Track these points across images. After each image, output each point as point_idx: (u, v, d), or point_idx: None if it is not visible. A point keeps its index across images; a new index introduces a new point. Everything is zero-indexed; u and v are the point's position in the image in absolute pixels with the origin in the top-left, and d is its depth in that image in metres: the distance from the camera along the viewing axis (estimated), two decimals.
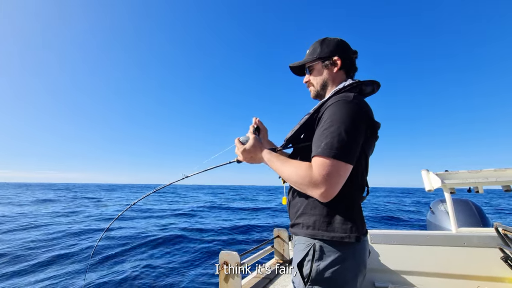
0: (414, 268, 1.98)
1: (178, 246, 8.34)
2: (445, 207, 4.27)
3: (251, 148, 1.11)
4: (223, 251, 0.99)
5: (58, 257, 6.98)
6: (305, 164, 0.92)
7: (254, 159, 1.13)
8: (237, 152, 1.16)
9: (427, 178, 2.25)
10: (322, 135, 0.91)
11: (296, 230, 1.05)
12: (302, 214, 1.03)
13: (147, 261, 6.80)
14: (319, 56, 1.15)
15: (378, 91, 1.16)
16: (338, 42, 1.15)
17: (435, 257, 1.94)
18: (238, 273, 0.96)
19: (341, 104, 0.93)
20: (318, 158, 0.89)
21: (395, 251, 2.05)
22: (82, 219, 13.85)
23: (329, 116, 0.93)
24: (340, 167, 0.86)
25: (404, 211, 20.94)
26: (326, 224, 0.96)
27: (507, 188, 2.09)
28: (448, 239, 1.94)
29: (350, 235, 0.93)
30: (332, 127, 0.90)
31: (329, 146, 0.87)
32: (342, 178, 0.88)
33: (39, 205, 21.54)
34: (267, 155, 1.07)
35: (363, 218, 1.05)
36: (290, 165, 0.97)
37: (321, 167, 0.86)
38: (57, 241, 8.79)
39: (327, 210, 0.97)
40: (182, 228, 11.22)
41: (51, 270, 5.88)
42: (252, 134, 1.16)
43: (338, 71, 1.14)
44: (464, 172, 2.11)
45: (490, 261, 1.81)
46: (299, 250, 1.01)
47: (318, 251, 0.94)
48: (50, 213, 16.14)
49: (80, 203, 24.20)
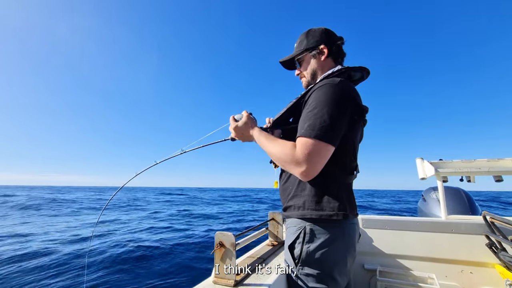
0: (403, 252, 2.06)
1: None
2: (436, 195, 4.37)
3: (243, 125, 1.15)
4: (218, 231, 1.01)
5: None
6: (290, 144, 0.97)
7: (245, 136, 1.17)
8: (230, 129, 1.20)
9: (422, 166, 2.29)
10: (306, 117, 0.95)
11: (288, 213, 1.10)
12: (293, 197, 1.08)
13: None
14: (306, 47, 1.19)
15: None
16: (323, 31, 1.19)
17: (423, 242, 2.01)
18: (233, 252, 0.99)
19: (326, 88, 0.96)
20: (301, 138, 0.93)
21: (385, 235, 2.12)
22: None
23: (314, 99, 0.97)
24: (321, 147, 0.90)
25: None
26: (315, 203, 1.01)
27: (498, 178, 2.14)
28: (437, 225, 2.00)
29: (338, 213, 0.98)
30: (316, 109, 0.94)
31: (311, 127, 0.91)
32: (323, 158, 0.91)
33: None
34: (256, 133, 1.12)
35: (353, 200, 1.10)
36: (277, 143, 1.01)
37: (303, 146, 0.91)
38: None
39: (315, 190, 1.02)
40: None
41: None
42: (246, 112, 1.19)
43: (326, 59, 1.17)
44: (458, 162, 2.14)
45: (475, 247, 1.88)
46: (290, 233, 1.06)
47: (308, 233, 0.99)
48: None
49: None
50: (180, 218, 12.94)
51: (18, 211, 16.59)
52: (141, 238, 7.92)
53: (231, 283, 0.97)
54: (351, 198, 1.08)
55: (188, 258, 5.90)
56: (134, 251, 6.39)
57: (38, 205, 20.52)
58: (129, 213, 15.34)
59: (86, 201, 26.10)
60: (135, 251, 6.39)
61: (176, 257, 6.01)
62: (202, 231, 9.20)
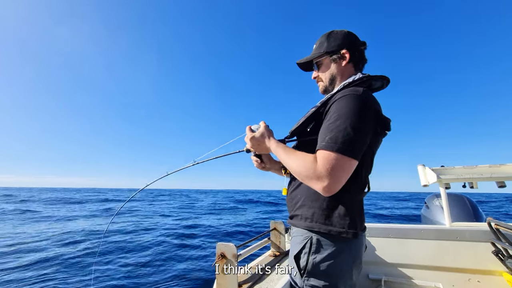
0: (407, 261, 2.02)
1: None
2: (439, 202, 4.33)
3: (259, 136, 1.10)
4: (219, 242, 1.00)
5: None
6: (310, 157, 0.91)
7: (262, 148, 1.12)
8: (246, 140, 1.15)
9: (423, 173, 2.28)
10: (328, 128, 0.90)
11: (294, 222, 1.05)
12: (302, 206, 1.03)
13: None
14: (326, 50, 1.11)
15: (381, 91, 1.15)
16: (345, 34, 1.11)
17: (428, 251, 1.98)
18: (234, 264, 0.97)
19: (349, 98, 0.91)
20: (322, 151, 0.88)
21: (389, 244, 2.08)
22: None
23: (336, 110, 0.91)
24: (344, 162, 0.85)
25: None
26: (325, 217, 0.96)
27: (501, 184, 2.12)
28: (442, 233, 1.97)
29: (348, 231, 0.93)
30: (338, 121, 0.88)
31: (333, 140, 0.86)
32: (346, 173, 0.87)
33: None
34: (274, 144, 1.07)
35: (363, 214, 1.05)
36: (296, 156, 0.96)
37: (325, 160, 0.85)
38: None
39: (326, 203, 0.97)
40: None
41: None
42: (264, 122, 1.14)
43: (347, 65, 1.10)
44: (460, 168, 2.13)
45: (482, 255, 1.85)
46: (296, 242, 1.02)
47: (315, 244, 0.95)
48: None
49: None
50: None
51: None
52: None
53: None
54: (362, 214, 1.03)
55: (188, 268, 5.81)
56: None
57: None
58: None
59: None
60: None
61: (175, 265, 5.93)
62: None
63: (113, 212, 16.29)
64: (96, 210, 19.09)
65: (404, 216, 18.02)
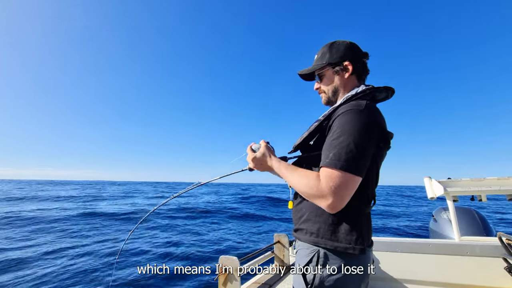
0: (415, 277, 1.96)
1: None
2: (447, 215, 4.23)
3: (261, 156, 1.10)
4: (222, 255, 0.98)
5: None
6: (313, 174, 0.91)
7: (264, 167, 1.12)
8: (248, 160, 1.15)
9: (430, 185, 2.24)
10: (331, 145, 0.89)
11: (299, 236, 1.04)
12: (307, 220, 1.02)
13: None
14: (329, 62, 1.10)
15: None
16: (348, 46, 1.10)
17: (437, 266, 1.92)
18: (237, 278, 0.95)
19: (352, 114, 0.90)
20: (325, 169, 0.87)
21: (397, 259, 2.03)
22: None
23: (339, 125, 0.91)
24: (348, 179, 0.84)
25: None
26: (331, 233, 0.94)
27: (511, 197, 2.07)
28: (451, 248, 1.91)
29: (355, 247, 0.91)
30: (341, 137, 0.88)
31: (337, 157, 0.85)
32: (350, 190, 0.86)
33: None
34: (276, 163, 1.06)
35: (370, 229, 1.03)
36: (299, 174, 0.96)
37: (329, 178, 0.85)
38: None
39: (332, 219, 0.95)
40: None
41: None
42: (264, 142, 1.14)
43: (350, 77, 1.09)
44: (467, 180, 2.09)
45: (493, 271, 1.78)
46: (302, 255, 1.00)
47: (322, 257, 0.93)
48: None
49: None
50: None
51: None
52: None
53: None
54: (369, 228, 1.01)
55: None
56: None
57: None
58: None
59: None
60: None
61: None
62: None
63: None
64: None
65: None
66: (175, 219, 13.17)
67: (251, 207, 19.52)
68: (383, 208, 19.41)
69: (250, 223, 13.36)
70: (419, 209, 20.57)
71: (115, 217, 13.85)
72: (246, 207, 19.28)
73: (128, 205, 19.34)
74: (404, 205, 23.30)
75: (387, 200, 29.17)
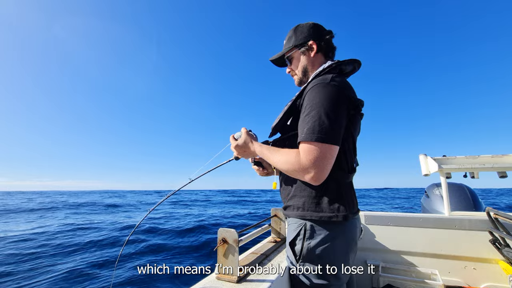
0: (406, 248, 2.06)
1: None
2: (439, 191, 4.34)
3: (242, 143, 1.14)
4: (221, 228, 1.02)
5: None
6: (293, 152, 0.95)
7: (247, 153, 1.16)
8: (232, 149, 1.19)
9: (425, 162, 2.27)
10: (304, 121, 0.94)
11: (288, 212, 1.10)
12: (293, 197, 1.08)
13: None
14: (295, 44, 1.17)
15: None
16: (310, 26, 1.16)
17: (426, 239, 2.01)
18: (236, 249, 0.99)
19: (319, 87, 0.95)
20: (303, 144, 0.92)
21: (388, 232, 2.12)
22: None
23: (309, 101, 0.95)
24: (325, 149, 0.88)
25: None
26: (315, 204, 1.01)
27: (503, 174, 2.12)
28: (441, 221, 1.99)
29: (338, 214, 0.98)
30: (313, 111, 0.92)
31: (311, 131, 0.89)
32: (330, 159, 0.90)
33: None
34: (258, 147, 1.11)
35: (354, 197, 1.09)
36: (280, 154, 1.00)
37: (307, 152, 0.89)
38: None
39: (315, 191, 1.02)
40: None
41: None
42: (245, 129, 1.17)
43: (316, 55, 1.15)
44: (461, 158, 2.12)
45: (479, 243, 1.87)
46: (291, 229, 1.06)
47: (308, 230, 1.00)
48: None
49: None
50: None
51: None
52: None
53: (234, 279, 0.97)
54: (352, 196, 1.07)
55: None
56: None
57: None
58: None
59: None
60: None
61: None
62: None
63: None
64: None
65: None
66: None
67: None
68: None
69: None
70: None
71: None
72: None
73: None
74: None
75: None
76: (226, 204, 23.97)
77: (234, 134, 1.21)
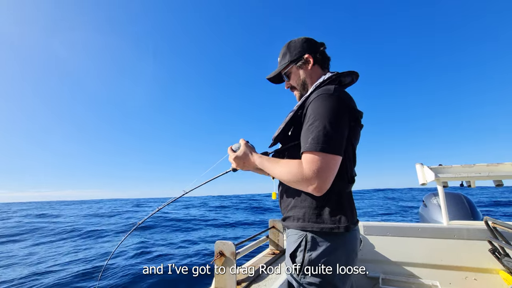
0: (405, 259, 2.04)
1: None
2: (437, 201, 4.34)
3: (242, 154, 1.13)
4: (218, 240, 1.00)
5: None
6: (295, 162, 0.94)
7: (247, 165, 1.15)
8: (230, 160, 1.18)
9: (421, 171, 2.28)
10: (308, 130, 0.94)
11: (287, 223, 1.08)
12: (293, 207, 1.07)
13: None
14: (291, 59, 1.18)
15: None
16: (303, 41, 1.19)
17: (426, 249, 1.99)
18: (233, 262, 0.98)
19: (322, 98, 0.95)
20: (306, 154, 0.91)
21: (387, 242, 2.10)
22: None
23: (313, 111, 0.95)
24: (329, 160, 0.88)
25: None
26: (316, 215, 0.99)
27: (499, 183, 2.14)
28: (439, 231, 1.98)
29: (340, 226, 0.96)
30: (317, 121, 0.92)
31: (315, 141, 0.89)
32: (333, 170, 0.90)
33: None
34: (258, 159, 1.10)
35: (354, 208, 1.08)
36: (281, 165, 0.99)
37: (311, 162, 0.89)
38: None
39: (316, 202, 1.00)
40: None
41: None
42: (243, 140, 1.17)
43: (313, 67, 1.17)
44: (458, 167, 2.14)
45: (479, 253, 1.86)
46: (291, 241, 1.04)
47: (310, 241, 0.98)
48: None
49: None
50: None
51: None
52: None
53: None
54: (352, 206, 1.06)
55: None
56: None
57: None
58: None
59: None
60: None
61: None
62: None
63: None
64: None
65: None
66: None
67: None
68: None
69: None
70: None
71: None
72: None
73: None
74: None
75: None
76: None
77: (232, 145, 1.20)
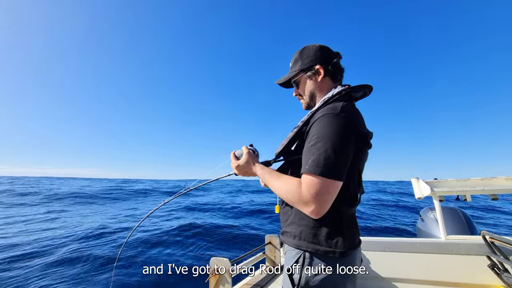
0: (403, 275, 2.00)
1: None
2: (434, 215, 4.33)
3: (244, 164, 1.11)
4: (213, 257, 0.98)
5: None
6: (295, 181, 0.92)
7: (248, 174, 1.13)
8: (233, 167, 1.16)
9: (417, 186, 2.29)
10: (309, 151, 0.90)
11: (285, 239, 1.06)
12: (291, 223, 1.04)
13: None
14: (301, 68, 1.12)
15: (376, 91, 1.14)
16: (317, 49, 1.11)
17: (424, 264, 1.96)
18: (228, 279, 0.95)
19: (328, 118, 0.91)
20: (306, 176, 0.88)
21: (385, 258, 2.06)
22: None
23: (316, 131, 0.91)
24: (329, 185, 0.85)
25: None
26: (312, 235, 0.96)
27: (494, 197, 2.15)
28: (437, 246, 1.96)
29: (335, 250, 0.92)
30: (319, 143, 0.88)
31: (315, 164, 0.86)
32: (332, 195, 0.87)
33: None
34: (259, 170, 1.08)
35: (355, 230, 1.03)
36: (281, 181, 0.97)
37: (310, 185, 0.86)
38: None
39: (314, 222, 0.96)
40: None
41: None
42: (246, 148, 1.15)
43: (323, 79, 1.10)
44: (453, 181, 2.15)
45: (477, 268, 1.84)
46: (289, 256, 1.01)
47: (308, 258, 0.95)
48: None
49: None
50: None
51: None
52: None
53: None
54: (353, 229, 1.02)
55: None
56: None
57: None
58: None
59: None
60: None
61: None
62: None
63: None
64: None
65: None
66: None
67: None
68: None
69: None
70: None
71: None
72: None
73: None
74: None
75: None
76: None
77: (235, 151, 1.17)
